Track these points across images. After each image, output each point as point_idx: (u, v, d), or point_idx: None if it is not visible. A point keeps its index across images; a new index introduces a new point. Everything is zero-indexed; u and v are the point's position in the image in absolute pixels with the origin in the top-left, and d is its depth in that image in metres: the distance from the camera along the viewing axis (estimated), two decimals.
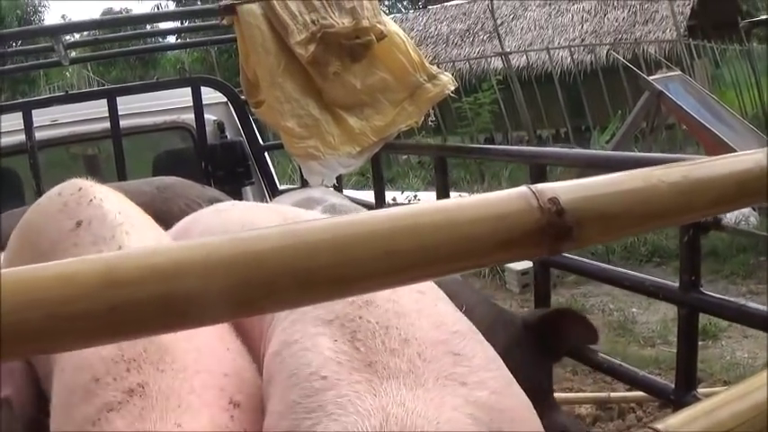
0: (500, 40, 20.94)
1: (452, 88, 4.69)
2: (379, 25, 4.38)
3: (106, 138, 5.93)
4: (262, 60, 4.40)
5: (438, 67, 17.19)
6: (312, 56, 4.29)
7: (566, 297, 10.23)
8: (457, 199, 1.13)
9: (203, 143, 5.97)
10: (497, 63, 21.56)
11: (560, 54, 21.29)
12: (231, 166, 6.06)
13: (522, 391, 2.10)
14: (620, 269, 3.27)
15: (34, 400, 2.71)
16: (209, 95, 6.14)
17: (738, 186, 1.31)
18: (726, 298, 2.83)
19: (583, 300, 10.17)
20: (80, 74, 28.92)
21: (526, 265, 9.33)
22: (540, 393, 2.83)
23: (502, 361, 2.17)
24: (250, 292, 0.98)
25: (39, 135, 5.79)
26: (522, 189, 1.11)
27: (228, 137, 6.25)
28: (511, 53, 21.15)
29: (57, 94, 6.53)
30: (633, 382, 3.02)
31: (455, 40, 24.35)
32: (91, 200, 2.97)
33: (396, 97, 4.53)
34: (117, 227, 2.70)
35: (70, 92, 6.96)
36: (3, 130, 5.96)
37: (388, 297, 2.14)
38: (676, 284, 2.85)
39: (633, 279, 3.13)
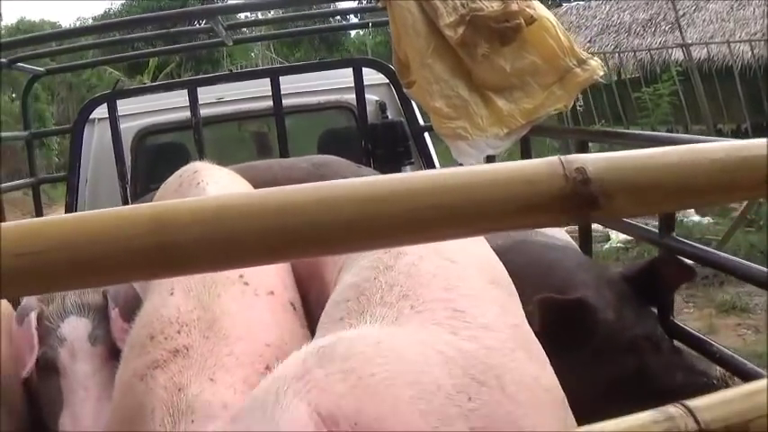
0: (681, 32, 20.55)
1: (601, 74, 4.66)
2: (528, 9, 4.39)
3: (270, 115, 6.15)
4: (412, 42, 4.47)
5: (620, 56, 17.11)
6: (461, 38, 4.33)
7: (731, 294, 10.08)
8: (487, 165, 1.19)
9: (364, 122, 6.10)
10: (678, 54, 21.18)
11: (741, 48, 20.74)
12: (391, 146, 6.16)
13: (541, 366, 2.11)
14: (746, 263, 3.22)
15: None
16: (373, 76, 6.24)
17: None
18: None
19: (747, 298, 10.03)
20: (264, 55, 29.63)
21: None
22: (653, 340, 2.95)
23: (529, 335, 2.20)
24: (278, 239, 1.07)
25: (206, 111, 6.04)
26: (552, 158, 1.15)
27: (390, 117, 6.37)
28: (692, 45, 20.73)
29: (222, 73, 6.78)
30: (742, 374, 2.96)
31: (637, 30, 23.95)
32: (198, 182, 3.25)
33: (545, 81, 4.54)
34: None
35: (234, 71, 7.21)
36: (172, 107, 6.26)
37: (410, 262, 2.19)
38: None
39: (736, 264, 3.12)
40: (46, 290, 2.07)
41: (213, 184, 3.34)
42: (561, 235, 3.85)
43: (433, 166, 6.24)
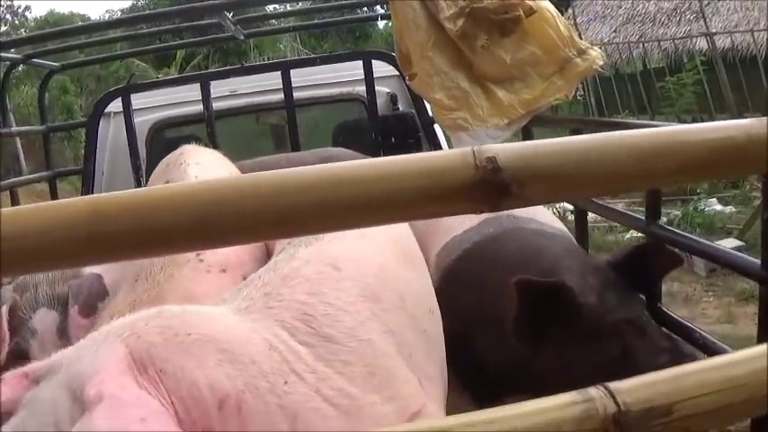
0: (705, 21, 20.44)
1: (601, 63, 4.69)
2: (527, 1, 4.43)
3: (281, 108, 6.23)
4: (413, 35, 4.53)
5: (644, 46, 17.02)
6: (461, 30, 4.38)
7: (750, 283, 10.01)
8: (401, 156, 1.24)
9: (375, 115, 6.17)
10: (702, 44, 21.07)
11: (765, 37, 20.60)
12: (402, 137, 6.23)
13: (377, 384, 2.20)
14: (735, 253, 3.27)
15: None
16: (384, 69, 6.30)
17: (710, 155, 1.33)
18: None
19: None
20: (292, 47, 29.74)
21: None
22: (637, 324, 2.91)
23: (382, 351, 2.29)
24: (195, 229, 1.14)
25: (220, 104, 6.13)
26: (465, 149, 1.20)
27: (401, 109, 6.43)
28: (716, 34, 20.60)
29: (234, 67, 6.87)
30: None
31: (662, 19, 23.80)
32: (181, 164, 3.41)
33: (545, 71, 4.57)
34: None
35: (246, 65, 7.28)
36: (187, 100, 6.34)
37: (295, 266, 2.36)
38: (757, 262, 2.87)
39: (726, 255, 3.17)
40: None
41: (194, 165, 3.54)
42: (557, 224, 3.88)
43: None
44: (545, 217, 3.80)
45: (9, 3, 34.87)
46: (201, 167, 3.54)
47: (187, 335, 1.94)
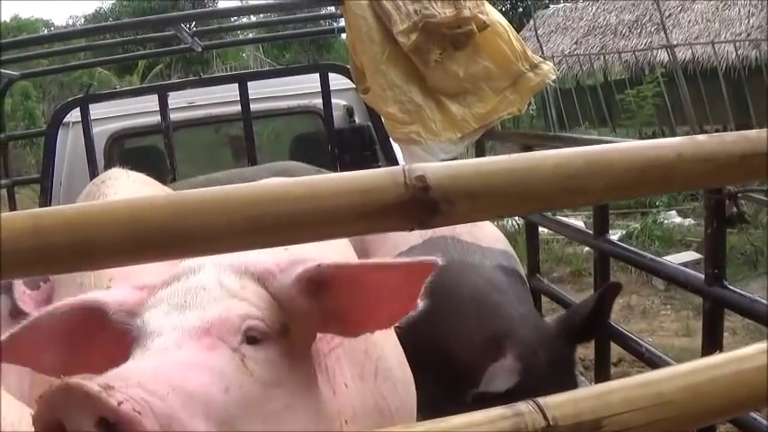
0: (665, 33, 20.48)
1: (553, 77, 4.76)
2: (480, 15, 4.48)
3: (238, 120, 6.23)
4: (367, 48, 4.58)
5: (605, 58, 17.05)
6: (414, 44, 4.44)
7: None
8: (334, 174, 1.27)
9: (331, 127, 6.18)
10: (663, 56, 21.11)
11: (725, 48, 20.72)
12: (358, 150, 6.23)
13: None
14: (682, 268, 3.31)
15: None
16: (342, 81, 6.30)
17: (642, 173, 1.35)
18: (744, 293, 2.86)
19: None
20: (255, 57, 29.70)
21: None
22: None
23: None
24: (131, 244, 1.17)
25: (178, 116, 6.14)
26: (396, 168, 1.23)
27: (357, 121, 6.46)
28: (676, 46, 20.65)
29: (191, 78, 6.88)
30: None
31: (623, 31, 23.84)
32: (102, 192, 3.37)
33: (498, 85, 4.64)
34: None
35: (204, 76, 7.29)
36: (146, 111, 6.34)
37: None
38: (701, 276, 2.92)
39: (669, 269, 3.22)
40: None
41: (114, 196, 3.46)
42: (498, 245, 3.82)
43: None
44: (488, 240, 3.78)
45: None
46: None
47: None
